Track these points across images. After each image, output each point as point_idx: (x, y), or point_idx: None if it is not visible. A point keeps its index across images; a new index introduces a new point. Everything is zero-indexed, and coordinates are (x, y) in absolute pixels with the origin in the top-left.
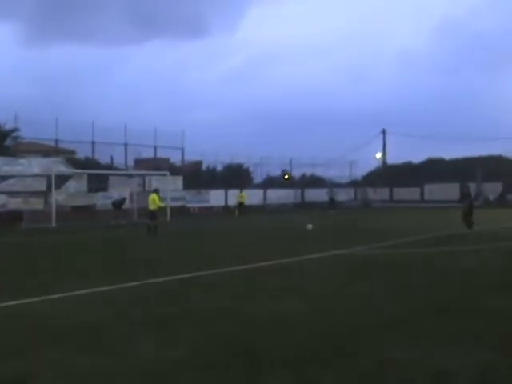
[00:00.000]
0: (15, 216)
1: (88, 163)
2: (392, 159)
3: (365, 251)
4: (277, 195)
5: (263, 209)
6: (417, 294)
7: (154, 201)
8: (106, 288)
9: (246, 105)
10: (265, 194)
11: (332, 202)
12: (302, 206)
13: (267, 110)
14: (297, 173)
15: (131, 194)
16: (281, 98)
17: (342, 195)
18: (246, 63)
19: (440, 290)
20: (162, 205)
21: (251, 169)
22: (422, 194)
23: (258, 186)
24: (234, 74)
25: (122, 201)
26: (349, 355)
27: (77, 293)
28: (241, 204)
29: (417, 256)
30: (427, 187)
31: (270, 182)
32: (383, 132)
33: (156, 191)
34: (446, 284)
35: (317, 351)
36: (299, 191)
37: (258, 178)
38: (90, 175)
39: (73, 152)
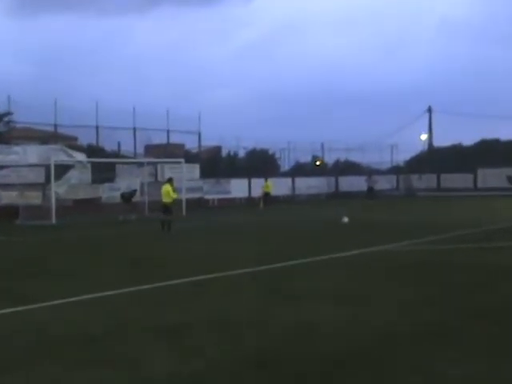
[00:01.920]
0: (9, 211)
1: (92, 151)
2: (439, 141)
3: (406, 248)
4: (307, 184)
5: (292, 200)
6: (465, 298)
7: (167, 193)
8: (111, 292)
9: (269, 83)
10: (293, 183)
11: (371, 191)
12: (336, 196)
13: (294, 88)
14: (329, 159)
15: (141, 185)
16: (308, 76)
17: (383, 183)
18: (267, 36)
19: (491, 293)
20: (173, 195)
21: (277, 155)
22: (474, 180)
23: (285, 175)
24: (254, 48)
25: (133, 193)
26: (384, 370)
27: (78, 298)
28: (266, 195)
29: (466, 253)
30: (481, 173)
31: (299, 170)
32: (429, 110)
33: (170, 181)
34: (498, 286)
35: (348, 364)
36: (333, 179)
37: (285, 165)
38: (94, 164)
39: (74, 138)
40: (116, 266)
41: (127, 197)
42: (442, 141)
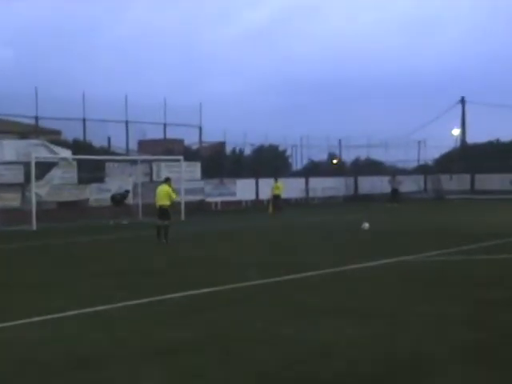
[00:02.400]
0: None
1: (78, 146)
2: (473, 137)
3: (434, 259)
4: (323, 185)
5: (305, 203)
6: (500, 316)
7: (165, 194)
8: (100, 308)
9: (280, 71)
10: (307, 183)
11: (395, 193)
12: (356, 199)
13: (308, 77)
14: (348, 157)
15: (135, 186)
16: (323, 63)
17: (408, 185)
18: (277, 17)
19: None
20: (175, 197)
21: (289, 152)
22: None
23: (298, 174)
24: (262, 31)
25: (125, 194)
26: None
27: (64, 314)
28: (276, 197)
29: (503, 265)
30: None
31: (313, 169)
32: (462, 101)
33: (167, 181)
34: None
35: None
36: (351, 180)
37: (297, 163)
38: (80, 162)
39: (58, 132)
40: (103, 278)
41: (119, 199)
42: (477, 136)
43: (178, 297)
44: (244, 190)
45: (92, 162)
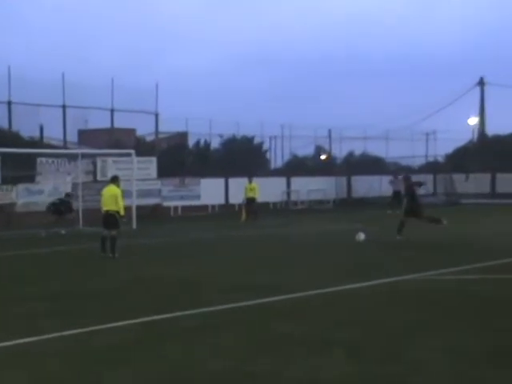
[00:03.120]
0: None
1: (2, 137)
2: (495, 127)
3: (448, 277)
4: (308, 187)
5: (287, 208)
6: None
7: (113, 197)
8: (26, 340)
9: (256, 44)
10: (289, 184)
11: (397, 196)
12: (349, 204)
13: (291, 53)
14: (340, 151)
15: (74, 187)
16: (313, 36)
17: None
18: None
19: None
20: (122, 203)
21: (267, 145)
22: None
23: (277, 173)
24: None
25: (68, 200)
26: None
27: None
28: (250, 201)
29: None
30: None
31: (296, 167)
32: (481, 83)
33: (115, 181)
34: None
35: None
36: (344, 180)
37: (277, 159)
38: (4, 156)
39: None
40: (31, 302)
41: (60, 209)
42: (499, 127)
43: (124, 326)
44: (210, 192)
45: (19, 156)
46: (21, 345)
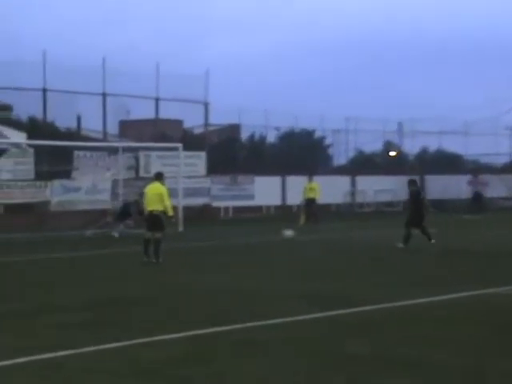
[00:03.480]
0: None
1: (35, 128)
2: None
3: None
4: (375, 187)
5: (351, 211)
6: None
7: (158, 196)
8: (59, 354)
9: (315, 27)
10: (354, 184)
11: (478, 199)
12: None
13: (355, 36)
14: (411, 147)
15: (114, 183)
16: (374, 18)
17: (497, 187)
18: None
19: None
20: (168, 203)
21: (329, 140)
22: None
23: (341, 171)
24: None
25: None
26: None
27: (10, 362)
28: (310, 202)
29: None
30: None
31: (362, 164)
32: None
33: (159, 178)
34: None
35: None
36: (416, 179)
37: (340, 155)
38: (38, 149)
39: (7, 107)
40: (68, 311)
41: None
42: None
43: (171, 339)
44: (265, 191)
45: (55, 149)
46: (53, 359)
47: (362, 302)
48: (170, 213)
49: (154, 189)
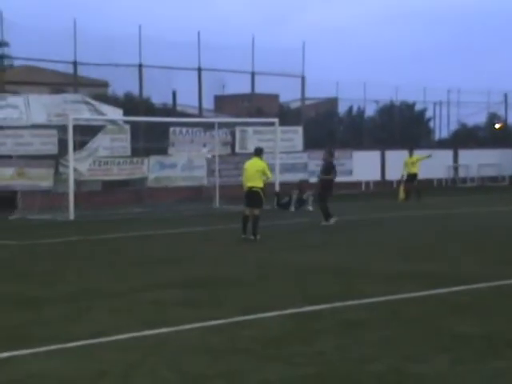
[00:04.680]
0: (2, 199)
1: (132, 104)
2: None
3: None
4: (479, 161)
5: (453, 186)
6: None
7: (258, 172)
8: (165, 329)
9: None
10: (456, 158)
11: None
12: None
13: (457, 3)
14: None
15: (210, 160)
16: None
17: None
18: None
19: None
20: (271, 176)
21: (430, 113)
22: None
23: (443, 145)
24: None
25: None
26: None
27: (104, 340)
28: (411, 177)
29: None
30: None
31: (465, 137)
32: None
33: (259, 154)
34: None
35: None
36: None
37: (442, 128)
38: (135, 126)
39: (104, 84)
40: (167, 289)
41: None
42: None
43: (270, 317)
44: (364, 166)
45: (151, 125)
46: (153, 336)
47: (469, 280)
48: (270, 176)
49: (254, 165)
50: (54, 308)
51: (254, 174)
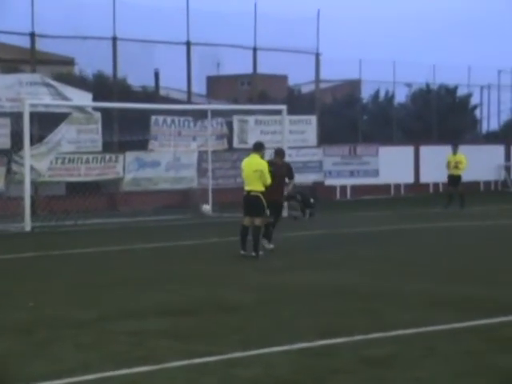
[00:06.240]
0: None
1: (103, 86)
2: None
3: None
4: None
5: (505, 191)
6: None
7: (257, 172)
8: (145, 368)
9: None
10: (509, 155)
11: None
12: None
13: None
14: None
15: (200, 157)
16: None
17: None
18: None
19: None
20: (269, 181)
21: (476, 99)
22: None
23: (490, 139)
24: None
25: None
26: None
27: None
28: (454, 179)
29: None
30: None
31: None
32: None
33: (258, 150)
34: None
35: None
36: None
37: (491, 118)
38: (106, 113)
39: (69, 61)
40: (140, 317)
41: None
42: None
43: (273, 354)
44: (394, 166)
45: (127, 113)
46: (129, 376)
47: None
48: (268, 181)
49: (252, 164)
50: (5, 341)
51: (251, 175)
